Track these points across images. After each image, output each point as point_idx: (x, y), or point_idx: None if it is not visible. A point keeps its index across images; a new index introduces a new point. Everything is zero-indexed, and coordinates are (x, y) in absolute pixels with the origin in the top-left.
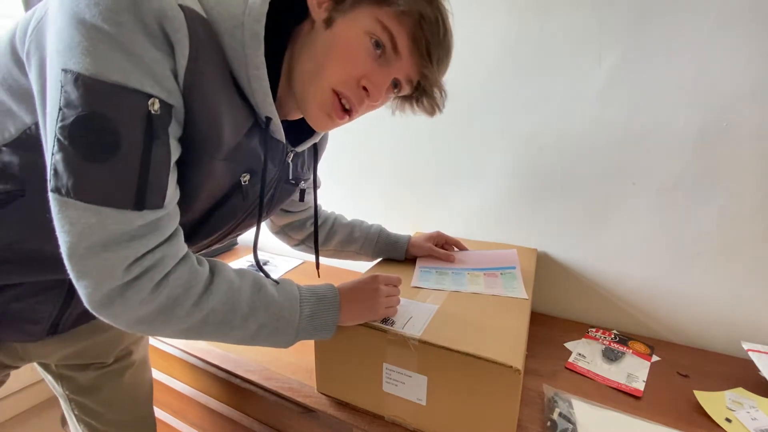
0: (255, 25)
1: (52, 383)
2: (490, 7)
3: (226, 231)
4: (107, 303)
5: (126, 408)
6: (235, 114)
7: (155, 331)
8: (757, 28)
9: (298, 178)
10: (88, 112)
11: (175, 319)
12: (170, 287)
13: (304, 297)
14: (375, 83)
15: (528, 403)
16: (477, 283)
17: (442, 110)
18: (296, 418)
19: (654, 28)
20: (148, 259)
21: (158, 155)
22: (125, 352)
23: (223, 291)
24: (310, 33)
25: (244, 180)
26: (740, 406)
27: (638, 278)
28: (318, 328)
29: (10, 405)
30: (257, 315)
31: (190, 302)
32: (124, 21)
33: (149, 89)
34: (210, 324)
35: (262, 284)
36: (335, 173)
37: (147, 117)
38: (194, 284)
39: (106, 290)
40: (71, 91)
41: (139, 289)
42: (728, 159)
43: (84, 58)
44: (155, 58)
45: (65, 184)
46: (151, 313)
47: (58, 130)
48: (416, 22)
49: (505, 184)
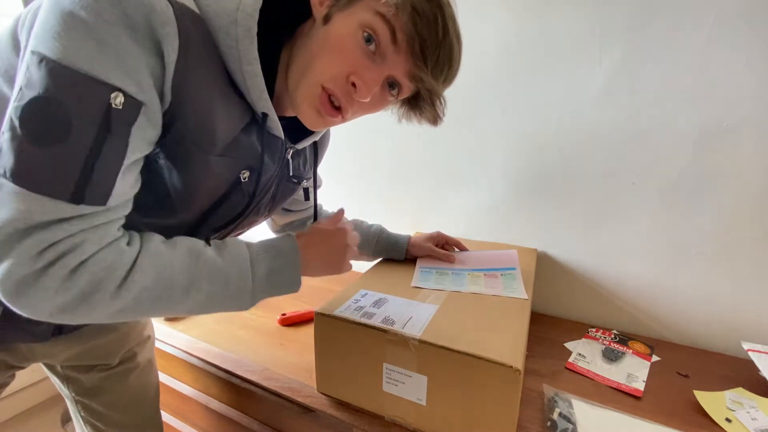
0: (248, 20)
1: (58, 384)
2: (490, 7)
3: (228, 230)
4: (20, 292)
5: (132, 410)
6: (230, 110)
7: (83, 318)
8: (757, 28)
9: (299, 176)
10: (44, 95)
11: (100, 305)
12: (89, 272)
13: (257, 256)
14: (365, 80)
15: (528, 403)
16: (477, 284)
17: (442, 119)
18: (296, 418)
19: (654, 28)
20: (64, 243)
21: (110, 151)
22: (130, 354)
23: (152, 266)
24: (310, 30)
25: (244, 177)
26: (740, 406)
27: (638, 278)
28: (278, 285)
29: (10, 405)
30: (199, 286)
31: (113, 285)
32: (104, 11)
33: (115, 81)
34: (145, 302)
35: (199, 251)
36: (335, 173)
37: (106, 110)
38: (119, 266)
39: (18, 278)
40: (34, 72)
41: (51, 277)
42: (728, 159)
43: (54, 42)
44: (131, 52)
45: (5, 164)
46: (72, 302)
47: (12, 109)
48: (410, 16)
49: (505, 184)
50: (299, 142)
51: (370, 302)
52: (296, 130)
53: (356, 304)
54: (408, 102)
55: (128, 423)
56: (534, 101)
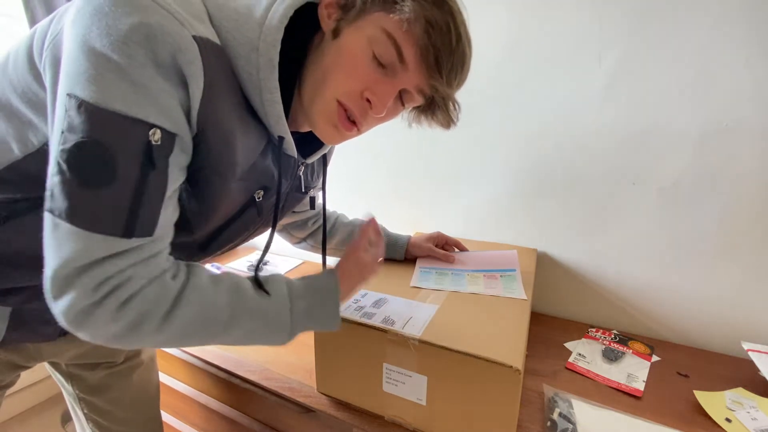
0: (270, 51)
1: (61, 382)
2: (490, 7)
3: (239, 241)
4: (80, 322)
5: (134, 407)
6: (248, 136)
7: (134, 345)
8: (757, 28)
9: (308, 186)
10: (88, 139)
11: (147, 334)
12: (137, 305)
13: (296, 294)
14: (379, 95)
15: (528, 403)
16: (476, 284)
17: (456, 123)
18: (296, 418)
19: (654, 28)
20: (117, 278)
21: (153, 185)
22: (134, 352)
23: (196, 302)
24: (320, 45)
25: (258, 197)
26: (740, 406)
27: (638, 278)
28: (318, 320)
29: (10, 405)
30: (240, 321)
31: (158, 317)
32: (135, 53)
33: (152, 119)
34: (188, 334)
35: (241, 289)
36: (335, 173)
37: (147, 147)
38: (162, 300)
39: (78, 309)
40: (74, 116)
41: (105, 308)
42: (728, 159)
43: (89, 85)
44: (162, 89)
45: (59, 206)
46: (121, 331)
47: (58, 153)
48: (424, 29)
49: (505, 184)
50: (310, 157)
51: (370, 302)
52: (307, 143)
53: (356, 304)
54: (420, 107)
55: (131, 419)
56: (534, 101)
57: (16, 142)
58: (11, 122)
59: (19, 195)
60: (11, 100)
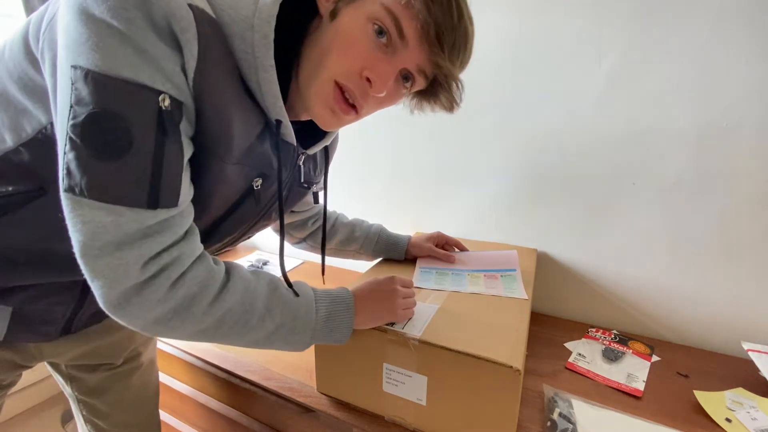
0: (264, 27)
1: (61, 383)
2: (490, 7)
3: (238, 235)
4: (124, 303)
5: (133, 409)
6: (245, 116)
7: (171, 332)
8: (757, 28)
9: (310, 181)
10: (99, 110)
11: (192, 318)
12: (187, 285)
13: (319, 298)
14: (379, 74)
15: (528, 403)
16: (477, 284)
17: (459, 104)
18: (296, 418)
19: (654, 28)
20: (165, 257)
21: (171, 153)
22: (134, 354)
23: (240, 290)
24: (318, 28)
25: (257, 185)
26: (740, 406)
27: (638, 278)
28: (334, 330)
29: (11, 405)
30: (274, 315)
31: (206, 301)
32: (133, 17)
33: (159, 85)
34: (226, 324)
35: (277, 284)
36: (336, 173)
37: (158, 113)
38: (211, 283)
39: (123, 289)
40: (82, 87)
41: (156, 287)
42: (728, 159)
43: (93, 53)
44: (164, 54)
45: (78, 183)
46: (168, 313)
47: (69, 128)
48: (424, 3)
49: (505, 184)
50: (310, 148)
51: None
52: (307, 134)
53: None
54: (421, 91)
55: (130, 422)
56: (534, 101)
57: (9, 132)
58: (6, 111)
59: (12, 188)
60: (7, 88)
